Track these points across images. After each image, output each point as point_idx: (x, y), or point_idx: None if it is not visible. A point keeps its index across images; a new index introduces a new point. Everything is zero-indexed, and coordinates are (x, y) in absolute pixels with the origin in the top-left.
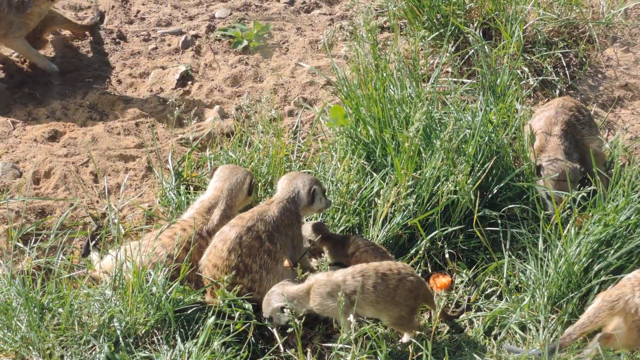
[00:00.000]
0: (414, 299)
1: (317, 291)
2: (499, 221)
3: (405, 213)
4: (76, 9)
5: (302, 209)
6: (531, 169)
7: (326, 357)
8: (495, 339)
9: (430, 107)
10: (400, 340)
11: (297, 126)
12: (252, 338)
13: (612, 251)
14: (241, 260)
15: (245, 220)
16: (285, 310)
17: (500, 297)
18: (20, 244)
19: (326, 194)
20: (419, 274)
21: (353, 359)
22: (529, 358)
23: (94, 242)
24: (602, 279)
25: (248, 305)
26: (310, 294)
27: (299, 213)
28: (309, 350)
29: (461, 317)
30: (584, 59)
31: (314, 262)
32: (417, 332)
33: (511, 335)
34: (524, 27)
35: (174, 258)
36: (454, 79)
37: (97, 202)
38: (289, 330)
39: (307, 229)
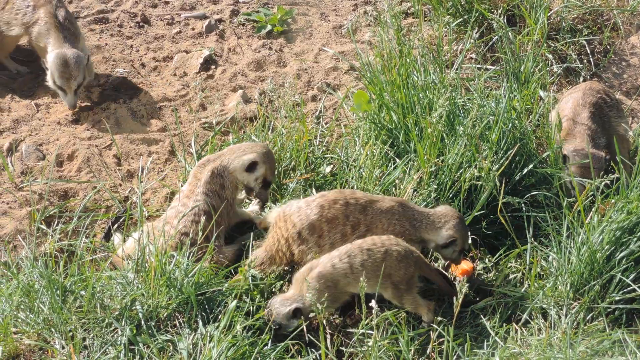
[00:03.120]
0: (405, 268)
1: (314, 286)
2: (523, 208)
3: (428, 199)
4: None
5: None
6: (556, 156)
7: (346, 342)
8: (517, 324)
9: (453, 93)
10: (421, 325)
11: (320, 111)
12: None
13: (635, 239)
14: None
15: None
16: (303, 309)
17: (522, 283)
18: (43, 227)
19: None
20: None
21: (374, 345)
22: None
23: (115, 225)
24: (625, 266)
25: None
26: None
27: None
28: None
29: (483, 302)
30: (608, 47)
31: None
32: (437, 318)
33: (533, 321)
34: (549, 14)
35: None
36: (477, 66)
37: (120, 185)
38: (311, 315)
39: None
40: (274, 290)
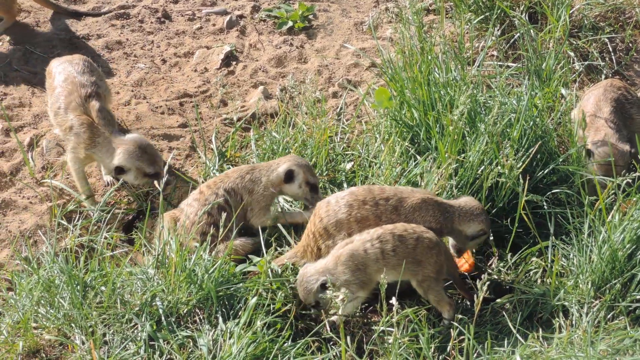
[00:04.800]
0: (436, 256)
1: (346, 264)
2: (545, 205)
3: (449, 196)
4: None
5: None
6: (578, 153)
7: (365, 339)
8: (537, 322)
9: (475, 91)
10: (441, 323)
11: (341, 108)
12: (294, 318)
13: None
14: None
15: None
16: (329, 283)
17: (543, 281)
18: (64, 222)
19: None
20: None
21: (395, 342)
22: None
23: (136, 220)
24: None
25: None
26: (337, 267)
27: None
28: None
29: (504, 300)
30: (630, 44)
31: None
32: (457, 316)
33: (554, 319)
34: (570, 12)
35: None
36: (499, 63)
37: None
38: (332, 311)
39: None
40: (293, 285)
